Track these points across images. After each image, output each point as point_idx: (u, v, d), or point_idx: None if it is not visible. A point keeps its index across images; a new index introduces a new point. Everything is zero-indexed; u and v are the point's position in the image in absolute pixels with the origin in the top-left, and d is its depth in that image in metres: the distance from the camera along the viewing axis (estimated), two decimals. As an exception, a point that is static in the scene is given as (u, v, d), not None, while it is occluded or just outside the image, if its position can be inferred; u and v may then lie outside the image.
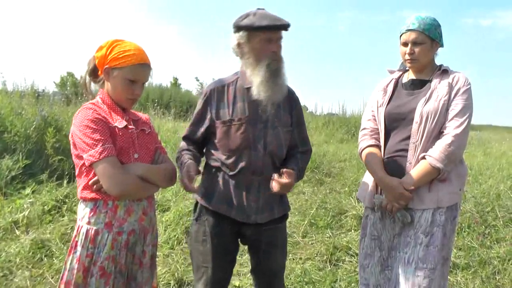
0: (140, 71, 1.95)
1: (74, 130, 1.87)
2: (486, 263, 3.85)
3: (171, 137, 7.82)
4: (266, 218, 2.22)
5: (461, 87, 2.24)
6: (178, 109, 13.28)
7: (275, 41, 2.15)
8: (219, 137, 2.19)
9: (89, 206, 1.89)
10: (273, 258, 2.31)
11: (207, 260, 2.22)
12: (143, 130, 2.05)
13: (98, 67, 1.98)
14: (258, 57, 2.14)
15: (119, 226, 1.89)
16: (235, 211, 2.18)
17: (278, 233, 2.32)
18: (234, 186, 2.19)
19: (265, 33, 2.11)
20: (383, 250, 2.36)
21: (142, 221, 1.97)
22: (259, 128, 2.17)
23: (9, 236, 4.02)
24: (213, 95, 2.22)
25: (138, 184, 1.88)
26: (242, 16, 2.17)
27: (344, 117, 14.40)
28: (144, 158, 1.99)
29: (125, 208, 1.91)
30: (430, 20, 2.31)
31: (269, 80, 2.12)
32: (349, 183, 5.98)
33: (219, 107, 2.20)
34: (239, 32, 2.16)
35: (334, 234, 4.41)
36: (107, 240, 1.86)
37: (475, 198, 5.19)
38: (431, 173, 2.18)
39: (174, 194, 5.13)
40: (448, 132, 2.18)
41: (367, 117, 2.50)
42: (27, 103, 6.97)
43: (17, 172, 5.18)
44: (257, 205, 2.19)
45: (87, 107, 1.90)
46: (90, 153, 1.80)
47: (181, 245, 4.08)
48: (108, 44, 1.95)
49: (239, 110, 2.17)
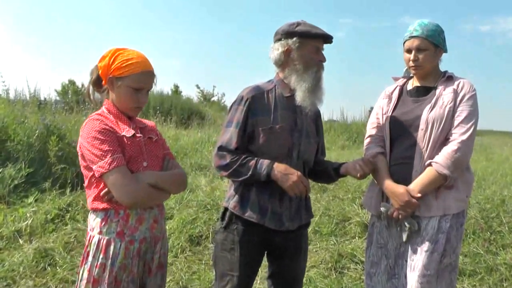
0: (144, 79, 1.95)
1: (82, 142, 1.87)
2: (493, 270, 3.82)
3: (173, 144, 7.83)
4: (296, 224, 2.26)
5: (466, 94, 2.23)
6: (179, 116, 13.29)
7: (322, 51, 2.25)
8: (260, 144, 2.18)
9: (100, 216, 1.88)
10: (297, 263, 2.35)
11: (234, 268, 2.22)
12: (151, 138, 2.04)
13: (102, 77, 1.97)
14: (307, 64, 2.20)
15: (131, 235, 1.88)
16: (268, 219, 2.18)
17: (303, 238, 2.37)
18: (268, 194, 2.19)
19: (318, 41, 2.21)
20: (389, 258, 2.34)
21: (153, 229, 1.97)
22: (296, 136, 2.22)
23: (12, 245, 4.01)
24: (255, 102, 2.20)
25: (150, 193, 1.88)
26: (293, 23, 2.23)
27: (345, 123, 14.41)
28: (153, 166, 1.98)
29: (136, 217, 1.90)
30: (433, 26, 2.31)
31: (315, 87, 2.19)
32: (352, 190, 5.95)
33: (260, 114, 2.19)
34: (291, 38, 2.20)
35: (339, 241, 4.39)
36: (120, 249, 1.85)
37: (479, 204, 5.16)
38: (437, 180, 2.17)
39: (177, 202, 5.12)
40: (454, 139, 2.17)
41: (372, 124, 2.49)
42: (29, 111, 6.97)
43: (20, 181, 5.18)
44: (289, 213, 2.23)
45: (94, 118, 1.89)
46: (99, 164, 1.79)
47: (185, 253, 4.07)
48: (110, 53, 1.94)
49: (280, 118, 2.19)
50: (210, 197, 5.16)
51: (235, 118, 2.19)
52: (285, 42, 2.21)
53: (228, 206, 2.25)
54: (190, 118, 14.18)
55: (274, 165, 2.10)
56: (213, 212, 4.76)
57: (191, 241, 4.26)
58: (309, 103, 2.19)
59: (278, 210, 2.20)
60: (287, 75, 2.24)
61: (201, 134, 9.92)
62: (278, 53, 2.24)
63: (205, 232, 4.37)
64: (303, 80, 2.18)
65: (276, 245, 2.27)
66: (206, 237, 4.31)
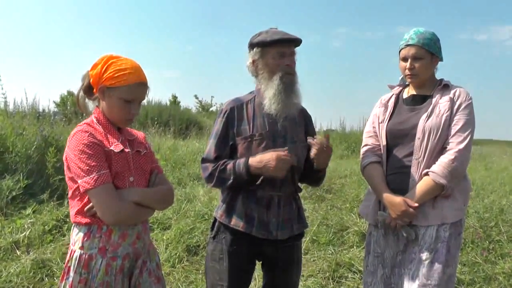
0: (136, 91, 1.86)
1: (69, 153, 1.80)
2: (492, 279, 3.82)
3: (171, 155, 7.82)
4: (286, 234, 2.22)
5: (462, 102, 2.23)
6: (177, 127, 13.28)
7: (288, 55, 2.21)
8: (241, 153, 2.20)
9: (82, 230, 1.82)
10: (289, 275, 2.32)
11: (223, 278, 2.21)
12: (139, 151, 1.96)
13: (93, 85, 1.89)
14: (272, 71, 2.19)
15: (113, 251, 1.82)
16: (255, 228, 2.17)
17: (296, 250, 2.33)
18: (254, 202, 2.19)
19: (278, 47, 2.17)
20: (386, 268, 2.34)
21: (135, 245, 1.90)
22: (279, 142, 2.19)
23: (10, 256, 3.98)
24: (234, 112, 2.24)
25: (134, 211, 1.81)
26: (255, 34, 2.24)
27: (343, 133, 14.39)
28: (140, 181, 1.91)
29: (119, 233, 1.84)
30: (429, 34, 2.32)
31: (281, 93, 2.16)
32: (350, 199, 5.95)
33: (240, 124, 2.22)
34: (253, 49, 2.22)
35: (336, 250, 4.37)
36: (101, 265, 1.79)
37: (477, 213, 5.16)
38: (434, 190, 2.17)
39: (175, 212, 5.10)
40: (451, 148, 2.17)
41: (369, 134, 2.49)
42: (28, 123, 6.96)
43: (17, 192, 5.16)
44: (277, 221, 2.20)
45: (83, 130, 1.81)
46: (85, 180, 1.73)
47: (182, 263, 4.04)
48: (103, 61, 1.86)
49: (259, 126, 2.20)
50: (207, 207, 5.15)
51: (215, 129, 2.27)
52: (251, 53, 2.25)
53: (216, 216, 2.28)
54: (188, 128, 14.17)
55: (249, 161, 2.10)
56: (210, 222, 4.73)
57: (188, 251, 4.24)
58: (275, 110, 2.17)
59: (265, 219, 2.18)
60: (260, 84, 2.26)
61: (199, 145, 9.92)
62: (248, 65, 2.28)
63: (202, 242, 4.36)
64: (269, 87, 2.19)
65: (267, 256, 2.27)
66: (203, 247, 4.28)
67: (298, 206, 2.32)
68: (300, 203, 2.35)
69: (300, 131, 2.30)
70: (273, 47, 2.17)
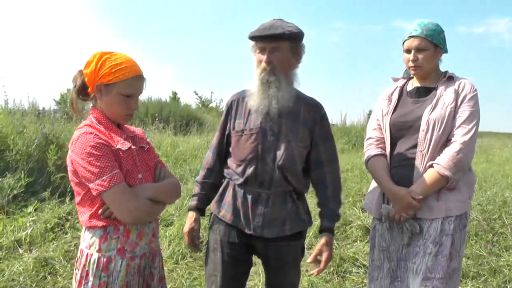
0: (135, 84, 1.83)
1: (75, 158, 1.72)
2: (496, 272, 3.81)
3: (172, 151, 7.82)
4: (274, 234, 2.14)
5: (467, 94, 2.21)
6: (178, 123, 13.29)
7: (269, 51, 2.08)
8: (232, 146, 2.21)
9: (98, 233, 1.77)
10: (282, 275, 2.23)
11: (217, 268, 2.21)
12: (142, 147, 1.94)
13: (88, 84, 1.82)
14: (256, 66, 2.15)
15: (132, 251, 1.80)
16: (242, 222, 2.16)
17: (290, 250, 2.22)
18: (241, 197, 2.17)
19: (259, 42, 2.11)
20: (392, 261, 2.32)
21: (152, 243, 1.89)
22: (270, 140, 2.12)
23: (12, 255, 3.97)
24: (234, 105, 2.25)
25: (150, 208, 1.79)
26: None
27: (344, 127, 14.40)
28: (147, 177, 1.89)
29: (137, 232, 1.82)
30: (433, 25, 2.29)
31: (259, 90, 2.11)
32: (352, 194, 5.94)
33: (237, 118, 2.22)
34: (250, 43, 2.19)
35: (340, 245, 4.37)
36: (121, 266, 1.77)
37: (481, 206, 5.16)
38: (439, 182, 2.15)
39: (177, 208, 5.10)
40: (456, 140, 2.15)
41: (372, 126, 2.47)
42: (28, 121, 6.96)
43: (19, 191, 5.16)
44: (262, 219, 2.13)
45: (86, 132, 1.74)
46: (97, 183, 1.68)
47: (186, 259, 4.04)
48: (96, 58, 1.80)
49: (252, 121, 2.16)
50: (210, 203, 5.14)
51: (220, 121, 2.34)
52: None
53: (211, 207, 2.31)
54: (188, 125, 14.20)
55: (189, 213, 2.35)
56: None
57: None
58: (252, 106, 2.14)
59: (249, 214, 2.15)
60: None
61: (200, 140, 9.92)
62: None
63: (205, 238, 4.34)
64: (253, 82, 2.16)
65: (258, 251, 2.23)
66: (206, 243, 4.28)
67: (297, 206, 2.21)
68: (302, 203, 2.26)
69: (301, 130, 2.17)
70: (257, 42, 2.12)
